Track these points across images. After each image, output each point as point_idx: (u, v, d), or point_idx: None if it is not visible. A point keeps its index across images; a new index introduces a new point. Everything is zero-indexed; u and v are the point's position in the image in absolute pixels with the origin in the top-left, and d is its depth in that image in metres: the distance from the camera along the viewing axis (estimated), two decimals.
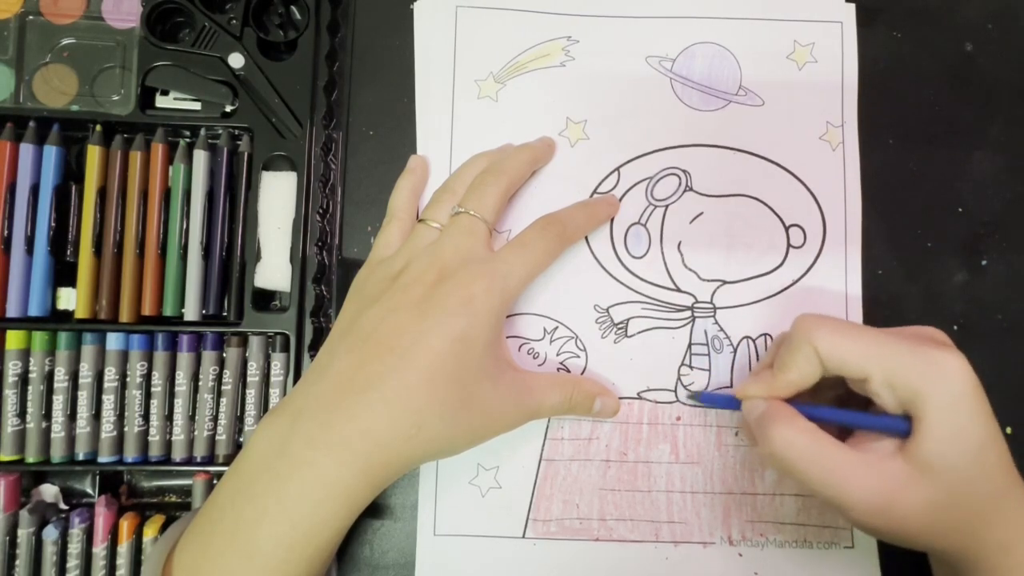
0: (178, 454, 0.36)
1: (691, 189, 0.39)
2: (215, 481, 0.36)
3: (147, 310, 0.37)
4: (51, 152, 0.36)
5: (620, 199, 0.39)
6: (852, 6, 0.41)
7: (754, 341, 0.38)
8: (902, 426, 0.30)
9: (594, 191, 0.39)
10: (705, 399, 0.37)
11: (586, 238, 0.39)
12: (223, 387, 0.37)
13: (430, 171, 0.39)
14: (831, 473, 0.29)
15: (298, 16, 0.40)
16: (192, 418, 0.37)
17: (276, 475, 0.29)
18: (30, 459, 0.36)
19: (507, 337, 0.38)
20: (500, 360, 0.34)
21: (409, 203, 0.38)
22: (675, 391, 0.38)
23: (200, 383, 0.37)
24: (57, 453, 0.36)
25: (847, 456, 0.30)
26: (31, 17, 0.37)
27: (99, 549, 0.35)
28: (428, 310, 0.31)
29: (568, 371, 0.38)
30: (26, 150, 0.36)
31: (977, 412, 0.29)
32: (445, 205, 0.36)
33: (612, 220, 0.39)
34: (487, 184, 0.35)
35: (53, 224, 0.36)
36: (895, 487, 0.29)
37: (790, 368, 0.32)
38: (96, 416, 0.36)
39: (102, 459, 0.36)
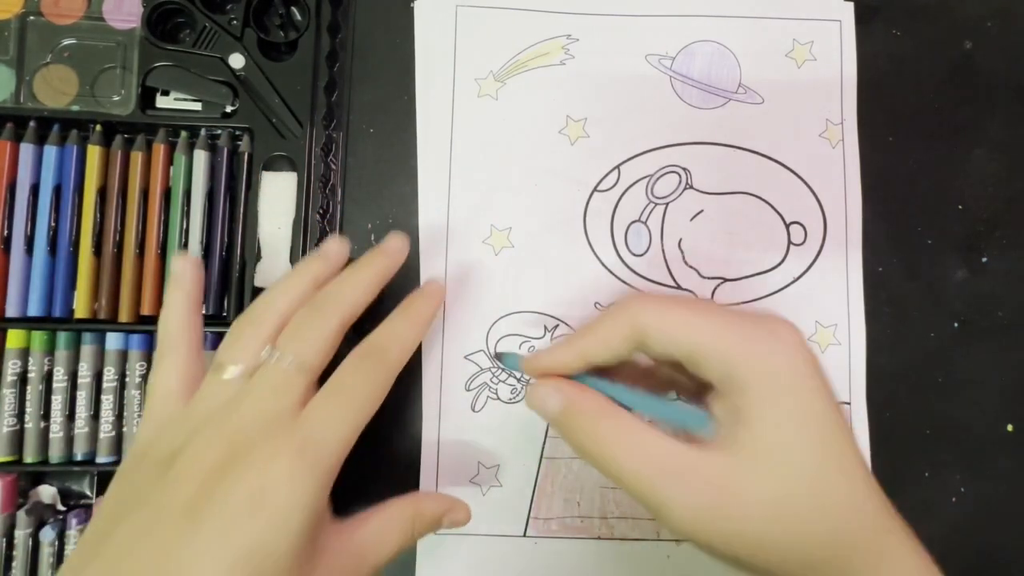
0: None
1: (691, 187, 0.39)
2: None
3: (146, 310, 0.36)
4: (51, 152, 0.36)
5: (621, 196, 0.39)
6: (851, 4, 0.41)
7: None
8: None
9: (594, 189, 0.39)
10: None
11: (587, 236, 0.39)
12: None
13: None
14: (660, 471, 0.24)
15: (298, 17, 0.40)
16: None
17: None
18: (28, 459, 0.36)
19: (506, 336, 0.38)
20: (315, 556, 0.25)
21: (186, 326, 0.29)
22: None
23: None
24: (55, 453, 0.36)
25: (679, 449, 0.25)
26: (32, 17, 0.37)
27: None
28: (203, 517, 0.23)
29: None
30: (26, 150, 0.36)
31: (818, 391, 0.25)
32: (250, 343, 0.28)
33: (612, 218, 0.39)
34: (315, 321, 0.28)
35: (53, 224, 0.36)
36: (728, 480, 0.24)
37: (596, 334, 0.26)
38: (95, 416, 0.36)
39: (100, 459, 0.36)
